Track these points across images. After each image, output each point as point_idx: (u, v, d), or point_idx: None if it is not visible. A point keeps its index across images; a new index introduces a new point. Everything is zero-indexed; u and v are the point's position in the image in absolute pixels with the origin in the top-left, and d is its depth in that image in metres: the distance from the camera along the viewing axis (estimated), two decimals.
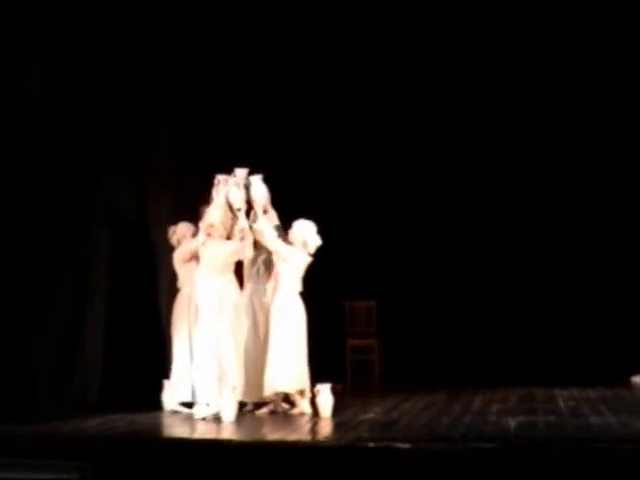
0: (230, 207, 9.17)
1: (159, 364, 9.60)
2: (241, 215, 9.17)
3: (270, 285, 9.26)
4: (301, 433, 8.14)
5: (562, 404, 9.44)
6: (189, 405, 9.17)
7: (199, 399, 8.94)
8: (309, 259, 9.14)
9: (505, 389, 10.55)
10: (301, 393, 9.07)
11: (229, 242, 9.15)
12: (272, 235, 9.14)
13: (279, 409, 9.17)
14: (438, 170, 12.62)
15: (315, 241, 9.14)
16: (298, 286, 9.14)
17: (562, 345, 11.99)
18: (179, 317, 9.47)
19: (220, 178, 9.26)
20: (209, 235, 9.09)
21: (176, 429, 8.55)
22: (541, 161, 12.43)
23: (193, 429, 8.43)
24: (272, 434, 8.18)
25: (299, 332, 9.08)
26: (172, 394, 9.34)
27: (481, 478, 6.70)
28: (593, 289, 12.20)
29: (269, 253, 9.32)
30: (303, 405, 9.07)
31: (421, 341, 12.29)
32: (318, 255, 9.21)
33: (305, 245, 9.13)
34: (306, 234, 9.13)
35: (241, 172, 9.34)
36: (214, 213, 9.11)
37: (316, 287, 9.29)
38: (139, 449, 7.57)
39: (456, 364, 12.04)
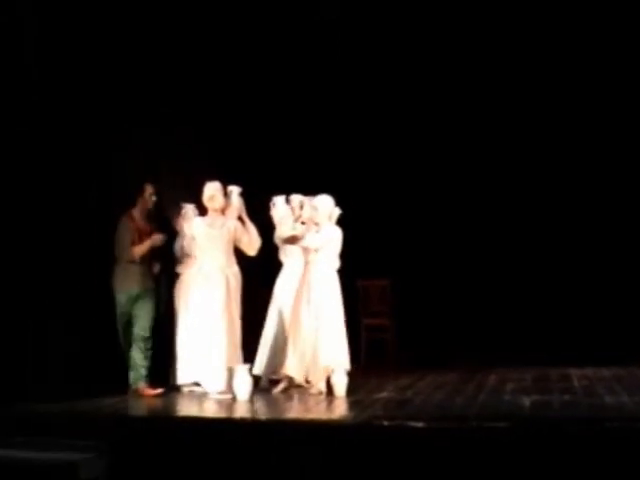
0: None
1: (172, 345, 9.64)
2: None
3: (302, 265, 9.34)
4: (316, 412, 8.14)
5: (577, 383, 9.43)
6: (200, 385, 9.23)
7: (213, 379, 8.98)
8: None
9: (519, 368, 10.54)
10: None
11: (231, 220, 9.23)
12: (315, 243, 9.16)
13: (293, 387, 9.19)
14: (450, 152, 12.60)
15: (337, 212, 9.25)
16: (337, 262, 9.20)
17: (577, 324, 11.96)
18: (179, 301, 9.55)
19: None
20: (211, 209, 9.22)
21: (191, 408, 8.59)
22: (543, 148, 12.40)
23: (208, 408, 8.47)
24: (287, 413, 8.23)
25: (342, 309, 9.12)
26: (182, 374, 9.39)
27: (495, 457, 6.69)
28: (608, 269, 12.16)
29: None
30: (319, 384, 9.08)
31: (435, 320, 12.29)
32: None
33: (331, 218, 9.22)
34: (330, 207, 9.22)
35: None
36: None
37: None
38: (154, 428, 7.60)
39: (470, 343, 12.03)
